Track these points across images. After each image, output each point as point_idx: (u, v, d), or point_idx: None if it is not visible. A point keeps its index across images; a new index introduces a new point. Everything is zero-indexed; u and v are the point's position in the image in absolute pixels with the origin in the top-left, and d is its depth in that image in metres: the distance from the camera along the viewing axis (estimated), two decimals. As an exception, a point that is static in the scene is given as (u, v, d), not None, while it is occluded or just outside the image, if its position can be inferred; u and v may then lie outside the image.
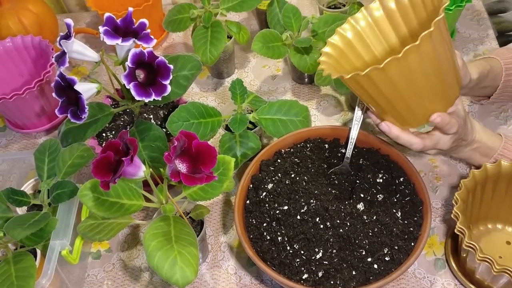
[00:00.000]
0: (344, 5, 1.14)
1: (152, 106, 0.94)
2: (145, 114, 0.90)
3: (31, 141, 1.07)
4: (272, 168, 0.81)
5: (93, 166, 0.65)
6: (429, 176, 0.91)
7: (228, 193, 0.93)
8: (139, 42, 0.79)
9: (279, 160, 0.82)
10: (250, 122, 0.89)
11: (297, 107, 0.90)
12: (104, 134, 0.89)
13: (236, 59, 1.16)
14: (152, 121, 0.90)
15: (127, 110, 0.92)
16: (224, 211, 0.91)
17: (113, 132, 0.89)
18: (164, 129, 0.87)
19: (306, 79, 1.09)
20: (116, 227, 0.77)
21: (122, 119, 0.91)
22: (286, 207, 0.74)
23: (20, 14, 1.14)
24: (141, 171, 0.68)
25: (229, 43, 1.07)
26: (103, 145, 0.67)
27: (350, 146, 0.81)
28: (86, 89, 0.80)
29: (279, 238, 0.73)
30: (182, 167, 0.67)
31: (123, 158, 0.63)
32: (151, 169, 0.72)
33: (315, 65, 0.98)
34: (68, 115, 0.80)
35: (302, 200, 0.74)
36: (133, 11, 1.09)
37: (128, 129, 0.90)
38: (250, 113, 0.91)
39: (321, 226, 0.72)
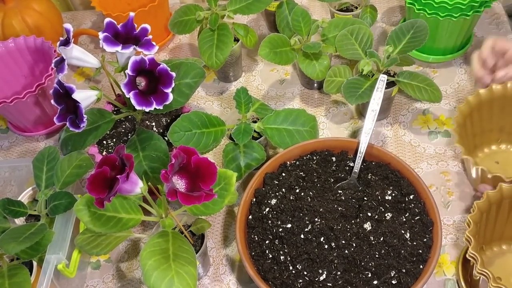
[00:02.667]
0: (356, 7, 1.10)
1: (154, 113, 0.91)
2: (147, 121, 0.88)
3: (33, 144, 1.05)
4: (276, 182, 0.77)
5: (88, 182, 0.62)
6: (441, 191, 0.87)
7: (232, 204, 0.90)
8: (139, 49, 0.77)
9: (283, 174, 0.78)
10: (255, 131, 0.86)
11: (304, 117, 0.86)
12: (104, 142, 0.87)
13: (244, 62, 1.13)
14: (154, 128, 0.87)
15: (129, 116, 0.89)
16: (227, 222, 0.88)
17: (114, 140, 0.87)
18: (166, 138, 0.84)
19: (316, 85, 1.05)
20: (114, 241, 0.75)
21: (124, 126, 0.88)
22: (289, 225, 0.71)
23: (24, 13, 1.12)
24: (138, 187, 0.65)
25: (236, 47, 1.03)
26: (101, 158, 0.64)
27: (359, 161, 0.77)
28: (85, 97, 0.78)
29: (281, 257, 0.70)
30: (181, 183, 0.65)
31: (118, 176, 0.60)
32: (149, 182, 0.70)
33: (324, 71, 0.94)
34: (67, 123, 0.77)
35: (306, 218, 0.71)
36: (138, 12, 1.08)
37: (129, 137, 0.87)
38: (255, 121, 0.88)
39: (326, 246, 0.69)
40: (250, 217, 0.75)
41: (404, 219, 0.71)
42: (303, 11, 0.96)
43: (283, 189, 0.76)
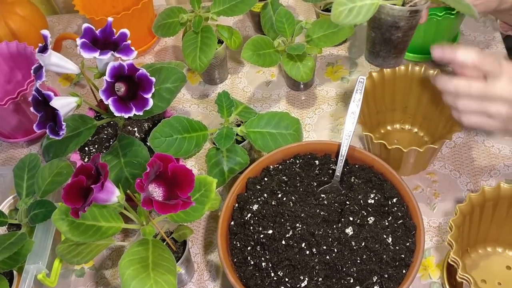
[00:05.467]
0: (342, 7, 1.09)
1: (136, 118, 0.90)
2: (129, 127, 0.87)
3: (18, 151, 1.04)
4: (258, 187, 0.77)
5: (63, 192, 0.62)
6: (426, 192, 0.86)
7: (215, 209, 0.89)
8: (118, 55, 0.76)
9: (266, 178, 0.78)
10: (239, 135, 0.85)
11: (288, 120, 0.85)
12: (86, 148, 0.86)
13: (229, 64, 1.12)
14: (137, 134, 0.86)
15: (111, 122, 0.89)
16: (211, 227, 0.88)
17: (96, 146, 0.86)
18: (148, 143, 0.84)
19: (302, 86, 1.04)
20: (95, 249, 0.74)
21: (106, 131, 0.88)
22: (270, 231, 0.70)
23: (7, 18, 1.11)
24: (114, 196, 0.64)
25: (220, 49, 1.02)
26: (77, 167, 0.63)
27: (340, 164, 0.76)
28: (64, 104, 0.77)
29: (263, 263, 0.69)
30: (158, 191, 0.64)
31: (93, 186, 0.59)
32: (130, 189, 0.69)
33: (309, 73, 0.93)
34: (47, 131, 0.76)
35: (287, 224, 0.70)
36: (122, 15, 1.07)
37: (111, 142, 0.86)
38: (239, 124, 0.87)
39: (307, 252, 0.68)
40: (232, 223, 0.74)
41: (387, 223, 0.71)
42: (286, 12, 0.94)
43: (265, 194, 0.75)
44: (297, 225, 0.70)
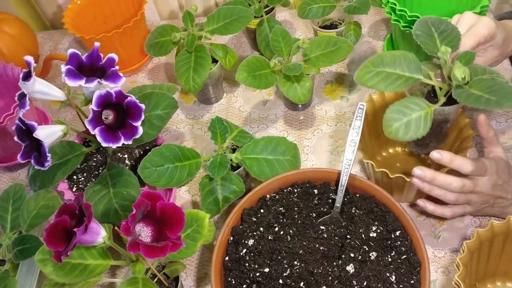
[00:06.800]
0: (341, 23, 1.06)
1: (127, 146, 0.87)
2: (119, 154, 0.83)
3: (6, 175, 1.00)
4: (254, 219, 0.73)
5: (45, 233, 0.58)
6: (431, 220, 0.82)
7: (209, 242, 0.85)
8: (104, 82, 0.72)
9: (261, 210, 0.74)
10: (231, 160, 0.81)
11: (285, 145, 0.82)
12: (75, 177, 0.82)
13: (225, 82, 1.08)
14: (127, 161, 0.83)
15: (100, 148, 0.85)
16: (206, 258, 0.84)
17: (85, 174, 0.82)
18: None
19: (300, 106, 1.01)
20: (83, 287, 0.70)
21: (95, 159, 0.84)
22: (267, 269, 0.66)
23: (-5, 37, 1.07)
24: (100, 237, 0.60)
25: (214, 68, 0.99)
26: (60, 206, 0.60)
27: (340, 195, 0.72)
28: (49, 133, 0.73)
29: (259, 303, 0.65)
30: (146, 231, 0.60)
31: (75, 229, 0.56)
32: (117, 226, 0.65)
33: (306, 94, 0.89)
34: (32, 161, 0.73)
35: (285, 261, 0.66)
36: (112, 34, 1.03)
37: (101, 171, 0.82)
38: (235, 148, 0.83)
39: (306, 292, 0.64)
40: (227, 258, 0.71)
41: (390, 259, 0.67)
42: (283, 31, 0.91)
43: (261, 228, 0.71)
44: (295, 262, 0.66)
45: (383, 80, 0.64)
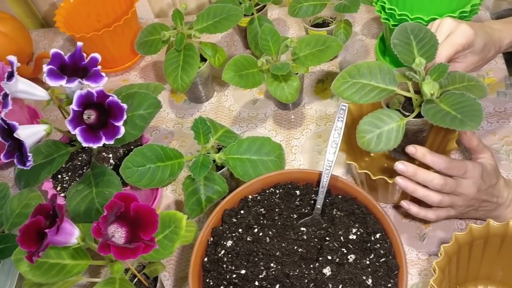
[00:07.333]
0: (333, 20, 1.05)
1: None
2: (104, 153, 0.83)
3: (-2, 173, 1.02)
4: (234, 220, 0.73)
5: (20, 233, 0.58)
6: (416, 222, 0.81)
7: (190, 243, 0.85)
8: (86, 82, 0.72)
9: (242, 211, 0.73)
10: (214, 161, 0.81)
11: (269, 145, 0.81)
12: (60, 176, 0.83)
13: (216, 80, 1.08)
14: (111, 160, 0.83)
15: (86, 148, 0.85)
16: (188, 258, 0.84)
17: (70, 173, 0.83)
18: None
19: (290, 105, 1.00)
20: (62, 286, 0.71)
21: (80, 158, 0.84)
22: (243, 271, 0.66)
23: (-12, 35, 1.08)
24: (73, 238, 0.61)
25: (203, 67, 0.98)
26: (35, 207, 0.60)
27: (321, 196, 0.72)
28: (31, 133, 0.74)
29: (235, 305, 0.65)
30: (120, 232, 0.60)
31: (47, 230, 0.56)
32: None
33: (294, 93, 0.88)
34: (15, 161, 0.73)
35: (261, 263, 0.66)
36: (103, 32, 1.04)
37: (85, 170, 0.83)
38: (221, 148, 0.83)
39: (281, 295, 0.64)
40: (206, 259, 0.70)
41: (368, 262, 0.66)
42: (271, 30, 0.90)
43: (240, 229, 0.71)
44: (272, 264, 0.66)
45: (358, 92, 0.65)
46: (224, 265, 0.68)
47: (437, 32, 0.69)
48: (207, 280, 0.69)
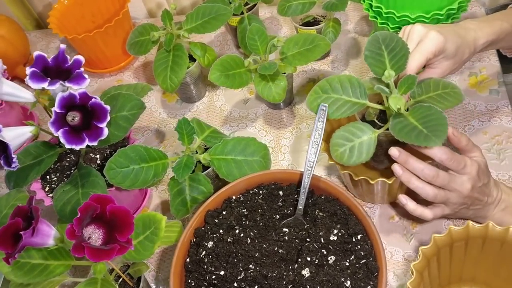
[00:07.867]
0: (324, 18, 1.04)
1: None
2: (91, 154, 0.84)
3: (-8, 173, 1.03)
4: (216, 221, 0.73)
5: (-2, 235, 0.59)
6: (404, 222, 0.80)
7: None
8: (68, 84, 0.72)
9: (224, 212, 0.74)
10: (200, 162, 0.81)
11: (254, 145, 0.81)
12: (48, 176, 0.84)
13: (207, 80, 1.07)
14: (99, 161, 0.83)
15: (74, 149, 0.86)
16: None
17: (58, 174, 0.83)
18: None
19: (281, 104, 1.00)
20: (47, 286, 0.72)
21: (68, 158, 0.85)
22: (222, 272, 0.66)
23: (-17, 37, 1.10)
24: (51, 239, 0.61)
25: (193, 67, 0.98)
26: (14, 208, 0.61)
27: (303, 197, 0.71)
28: (16, 135, 0.75)
29: (215, 306, 0.65)
30: (97, 234, 0.61)
31: (22, 232, 0.56)
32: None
33: (281, 93, 0.88)
34: (1, 162, 0.74)
35: (240, 264, 0.66)
36: (95, 33, 1.04)
37: (73, 170, 0.83)
38: (207, 149, 0.83)
39: (259, 296, 0.64)
40: (188, 259, 0.71)
41: (348, 263, 0.66)
42: (259, 29, 0.90)
43: (221, 230, 0.71)
44: (250, 266, 0.66)
45: (331, 106, 0.66)
46: (205, 266, 0.68)
47: (408, 40, 0.68)
48: (189, 281, 0.69)
